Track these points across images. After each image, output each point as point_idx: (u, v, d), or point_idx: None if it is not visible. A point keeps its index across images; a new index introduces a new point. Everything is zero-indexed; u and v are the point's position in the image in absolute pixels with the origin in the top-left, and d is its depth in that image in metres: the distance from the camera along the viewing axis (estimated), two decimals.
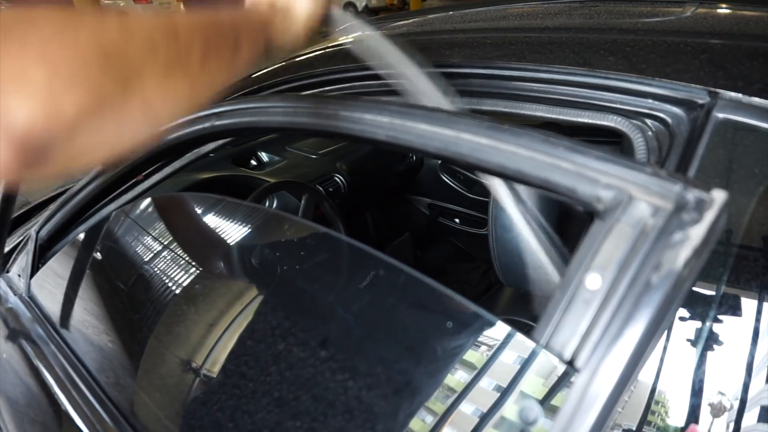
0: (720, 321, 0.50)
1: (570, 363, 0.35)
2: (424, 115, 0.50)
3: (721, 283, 0.51)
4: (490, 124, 0.45)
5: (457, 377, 0.47)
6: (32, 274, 1.02)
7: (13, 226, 1.21)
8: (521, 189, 0.53)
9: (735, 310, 0.50)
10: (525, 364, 0.40)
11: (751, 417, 0.47)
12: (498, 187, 0.52)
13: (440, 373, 0.48)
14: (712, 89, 0.55)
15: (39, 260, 1.04)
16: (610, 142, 1.71)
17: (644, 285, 0.34)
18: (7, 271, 1.10)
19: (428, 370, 0.50)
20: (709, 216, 0.33)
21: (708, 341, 0.50)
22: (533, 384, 0.39)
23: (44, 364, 0.89)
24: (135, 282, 0.87)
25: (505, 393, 0.42)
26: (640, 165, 0.38)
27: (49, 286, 1.02)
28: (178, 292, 0.79)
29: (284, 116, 0.64)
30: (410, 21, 1.12)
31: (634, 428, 0.51)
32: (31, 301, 1.00)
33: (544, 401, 0.38)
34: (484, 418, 0.43)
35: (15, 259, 1.10)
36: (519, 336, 0.41)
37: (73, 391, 0.82)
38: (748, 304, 0.50)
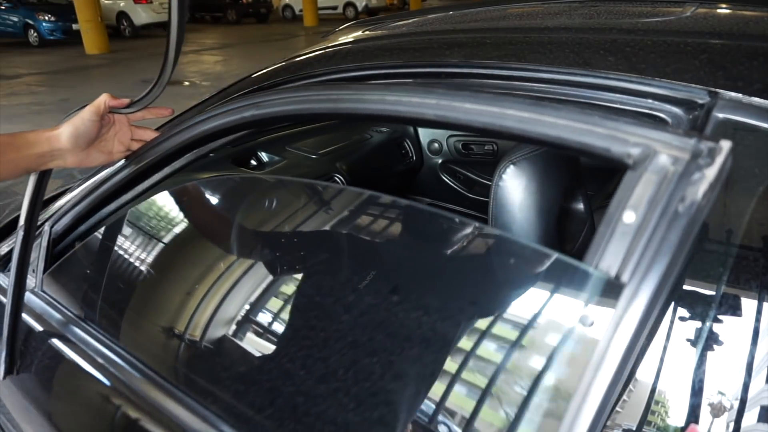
0: (720, 321, 0.50)
1: (616, 278, 0.44)
2: (470, 95, 0.57)
3: (721, 283, 0.51)
4: (532, 100, 0.54)
5: (522, 297, 0.57)
6: (45, 269, 1.03)
7: (13, 226, 1.21)
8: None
9: (735, 310, 0.50)
10: (580, 282, 0.48)
11: (751, 417, 0.47)
12: None
13: (510, 295, 0.59)
14: (712, 89, 0.55)
15: (52, 255, 1.04)
16: None
17: (673, 214, 0.43)
18: (9, 269, 1.10)
19: (499, 296, 0.60)
20: (720, 159, 0.43)
21: (708, 341, 0.50)
22: (589, 296, 0.47)
23: (75, 349, 0.89)
24: (184, 257, 0.91)
25: (565, 306, 0.51)
26: (662, 126, 0.46)
27: (68, 279, 1.03)
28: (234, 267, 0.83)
29: (329, 103, 0.69)
30: (410, 21, 1.12)
31: (634, 428, 0.51)
32: (47, 295, 1.00)
33: (597, 309, 0.47)
34: (548, 328, 0.53)
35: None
36: (574, 261, 0.50)
37: (112, 369, 0.83)
38: (748, 304, 0.50)
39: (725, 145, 0.43)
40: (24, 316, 0.99)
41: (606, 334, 0.42)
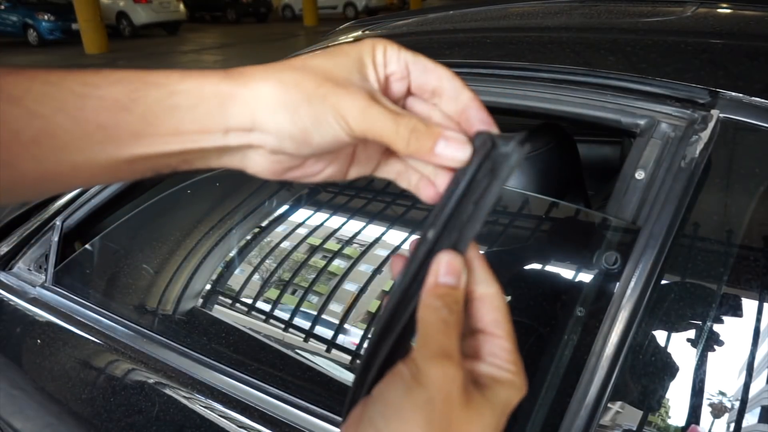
0: (720, 321, 0.50)
1: (633, 224, 0.53)
2: (494, 79, 0.67)
3: (721, 283, 0.51)
4: (552, 83, 0.63)
5: (556, 245, 0.68)
6: (57, 263, 1.03)
7: (12, 226, 1.21)
8: None
9: (735, 310, 0.50)
10: (603, 228, 0.58)
11: (751, 417, 0.47)
12: None
13: (547, 245, 0.70)
14: (713, 89, 0.55)
15: (64, 249, 1.05)
16: (611, 142, 1.71)
17: (677, 169, 0.52)
18: (10, 268, 1.10)
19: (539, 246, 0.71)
20: (711, 123, 0.52)
21: (708, 341, 0.50)
22: (611, 240, 0.56)
23: (90, 341, 0.91)
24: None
25: (592, 248, 0.57)
26: (663, 99, 0.56)
27: (84, 271, 1.03)
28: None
29: None
30: (410, 21, 1.12)
31: (634, 428, 0.51)
32: (60, 288, 1.00)
33: (619, 249, 0.55)
34: (579, 269, 0.62)
35: (21, 256, 1.10)
36: (596, 213, 0.60)
37: (131, 361, 0.84)
38: (748, 304, 0.50)
39: (715, 113, 0.53)
40: (36, 310, 1.00)
41: (628, 269, 0.51)
